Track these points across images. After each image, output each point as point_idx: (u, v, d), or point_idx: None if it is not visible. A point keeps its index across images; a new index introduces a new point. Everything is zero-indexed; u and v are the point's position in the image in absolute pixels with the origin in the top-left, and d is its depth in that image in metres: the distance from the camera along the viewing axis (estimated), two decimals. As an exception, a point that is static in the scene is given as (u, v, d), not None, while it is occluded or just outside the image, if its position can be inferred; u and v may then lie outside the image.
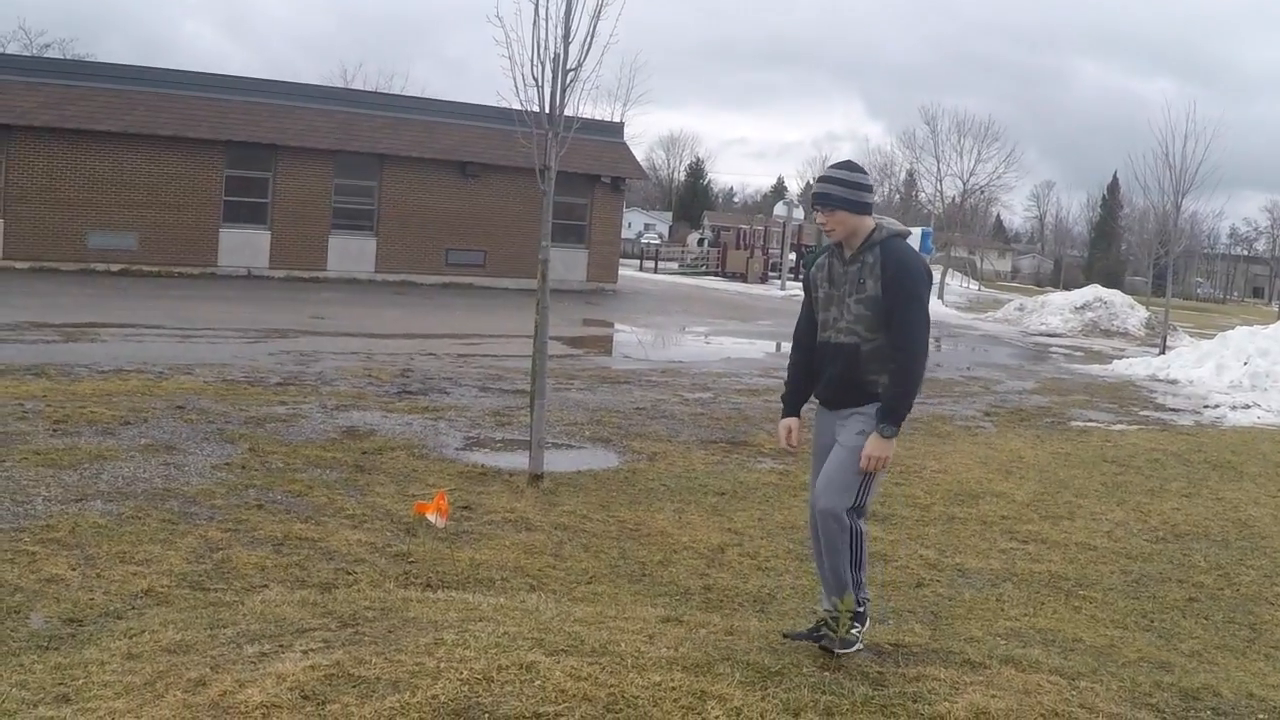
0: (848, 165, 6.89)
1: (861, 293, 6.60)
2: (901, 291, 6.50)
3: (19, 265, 38.24)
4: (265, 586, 8.00)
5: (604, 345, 29.89)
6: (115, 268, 39.47)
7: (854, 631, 6.44)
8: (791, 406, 7.08)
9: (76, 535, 8.93)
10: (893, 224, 6.79)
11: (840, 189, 6.68)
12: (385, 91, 72.08)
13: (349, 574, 8.57)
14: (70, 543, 8.78)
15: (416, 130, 44.36)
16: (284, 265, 41.86)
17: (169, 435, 12.89)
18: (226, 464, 11.82)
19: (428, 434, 14.19)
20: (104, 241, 39.69)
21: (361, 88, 78.06)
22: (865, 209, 6.70)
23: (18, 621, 7.16)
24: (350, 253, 43.24)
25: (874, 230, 6.67)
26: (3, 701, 5.69)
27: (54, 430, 12.75)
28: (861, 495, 6.58)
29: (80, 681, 5.90)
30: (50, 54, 74.90)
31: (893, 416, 6.49)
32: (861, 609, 6.56)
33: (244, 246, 41.54)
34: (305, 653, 6.03)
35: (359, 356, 21.28)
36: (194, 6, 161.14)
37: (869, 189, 6.77)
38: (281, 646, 6.17)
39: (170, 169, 40.59)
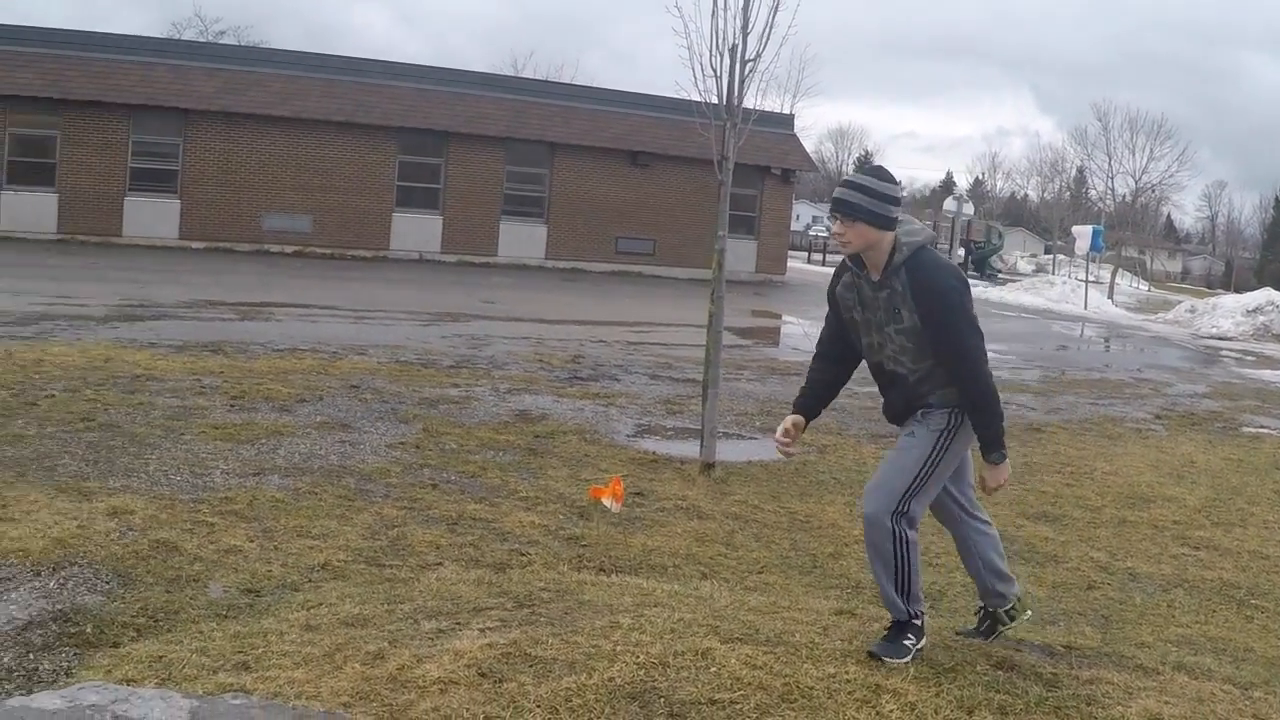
0: (877, 172, 6.26)
1: (899, 323, 6.13)
2: (942, 320, 6.04)
3: (195, 245, 39.09)
4: (440, 565, 8.08)
5: (772, 336, 29.76)
6: (289, 249, 40.18)
7: (906, 642, 6.10)
8: (800, 405, 6.63)
9: (254, 508, 9.10)
10: (913, 234, 6.18)
11: (866, 199, 6.05)
12: (556, 80, 72.46)
13: (523, 555, 8.63)
14: (248, 515, 8.94)
15: (587, 119, 44.59)
16: (455, 250, 42.30)
17: (344, 414, 13.10)
18: (401, 443, 11.97)
19: (599, 420, 14.26)
20: (278, 224, 40.43)
21: (530, 76, 78.51)
22: (889, 224, 6.08)
23: (197, 590, 7.31)
24: (521, 239, 43.56)
25: (895, 249, 6.10)
26: (183, 667, 5.79)
27: (231, 406, 13.01)
28: (908, 501, 6.10)
29: (259, 650, 5.99)
30: (225, 41, 76.25)
31: (993, 444, 6.17)
32: (918, 621, 6.18)
33: (416, 231, 42.06)
34: (482, 631, 6.07)
35: (530, 341, 21.44)
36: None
37: (897, 202, 6.14)
38: (458, 624, 6.23)
39: (344, 154, 41.25)
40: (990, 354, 6.23)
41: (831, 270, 6.75)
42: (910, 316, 6.04)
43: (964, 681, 5.73)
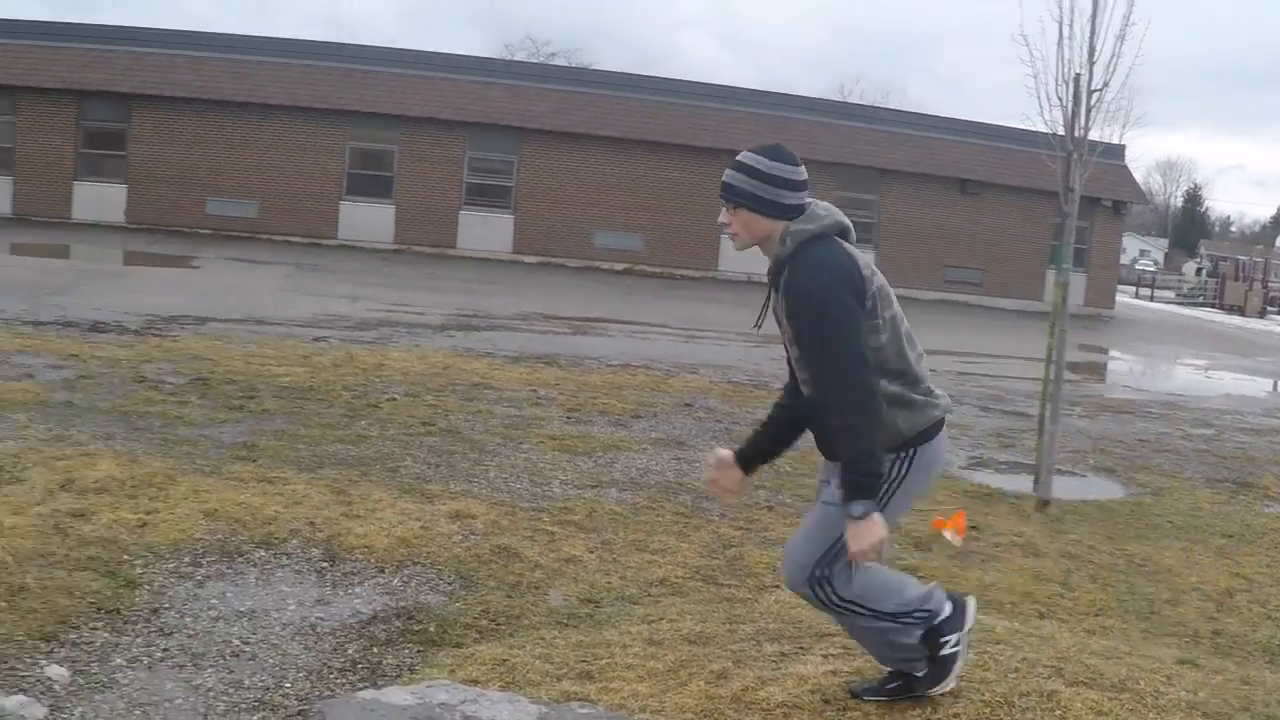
0: (767, 150, 5.22)
1: (786, 332, 5.18)
2: (805, 327, 5.00)
3: (527, 259, 40.04)
4: (777, 587, 8.04)
5: (1100, 372, 29.15)
6: (619, 267, 40.86)
7: (943, 653, 5.38)
8: (743, 446, 5.74)
9: (593, 520, 9.24)
10: (808, 220, 5.16)
11: (750, 181, 5.14)
12: (881, 106, 72.18)
13: (859, 583, 8.54)
14: (587, 526, 9.07)
15: (915, 145, 44.30)
16: (784, 274, 42.41)
17: (678, 431, 13.24)
18: (735, 464, 11.96)
19: (929, 449, 13.96)
20: (609, 241, 41.17)
21: (858, 102, 78.34)
22: (782, 212, 5.14)
23: (537, 597, 7.47)
24: (851, 264, 43.44)
25: (786, 237, 5.15)
26: (526, 672, 5.91)
27: (568, 418, 13.26)
28: (827, 564, 5.18)
29: (603, 661, 6.09)
30: (556, 62, 77.85)
31: (856, 490, 4.87)
32: (937, 621, 5.36)
33: (746, 253, 42.17)
34: (825, 657, 6.05)
35: (861, 367, 21.12)
36: (690, 18, 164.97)
37: (793, 186, 5.15)
38: (801, 649, 6.22)
39: (673, 174, 41.82)
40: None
41: (1158, 305, 6.24)
42: (788, 326, 5.13)
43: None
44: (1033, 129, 12.40)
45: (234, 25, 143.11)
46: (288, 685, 5.99)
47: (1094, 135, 11.80)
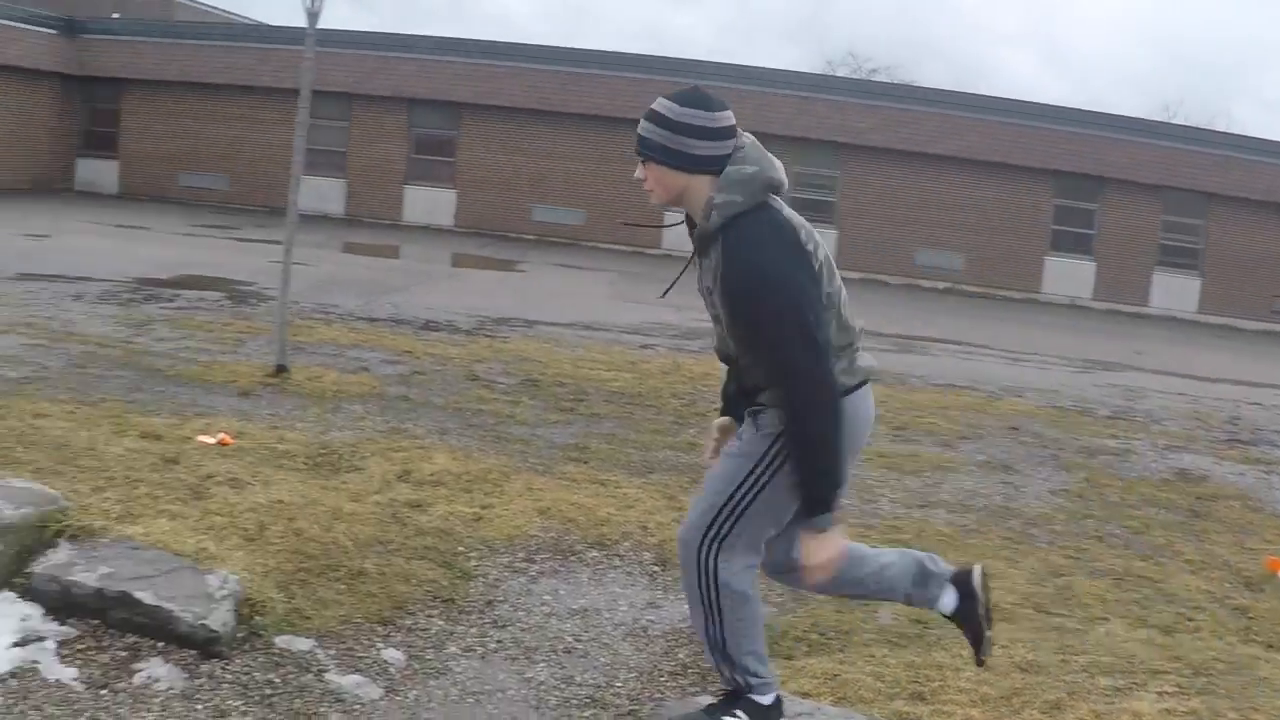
0: (682, 96, 4.57)
1: (717, 308, 4.64)
2: (749, 309, 4.44)
3: (851, 275, 39.83)
4: (1106, 619, 7.92)
5: None
6: (940, 285, 40.61)
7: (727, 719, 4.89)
8: (725, 405, 5.15)
9: (921, 540, 9.15)
10: (733, 190, 4.48)
11: (658, 131, 4.54)
12: (1206, 128, 70.02)
13: (1189, 620, 8.29)
14: (916, 546, 9.03)
15: (1242, 170, 42.81)
16: (1106, 298, 41.54)
17: (1005, 455, 13.10)
18: (1064, 491, 11.82)
19: (1260, 487, 13.52)
20: (931, 259, 40.97)
21: (1182, 123, 76.16)
22: (694, 165, 4.52)
23: (868, 614, 7.45)
24: (1173, 291, 42.32)
25: (711, 210, 4.49)
26: (858, 689, 5.97)
27: (895, 436, 13.22)
28: (722, 525, 4.70)
29: (935, 683, 6.10)
30: (877, 79, 77.51)
31: (821, 505, 4.48)
32: (759, 697, 4.97)
33: (1068, 275, 41.58)
34: (1159, 695, 5.99)
35: (1184, 398, 20.66)
36: (1010, 36, 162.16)
37: (706, 134, 4.51)
38: (1135, 684, 6.15)
39: (996, 193, 41.41)
40: None
41: None
42: (723, 302, 4.54)
43: None
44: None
45: (554, 35, 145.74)
46: (618, 685, 6.14)
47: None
